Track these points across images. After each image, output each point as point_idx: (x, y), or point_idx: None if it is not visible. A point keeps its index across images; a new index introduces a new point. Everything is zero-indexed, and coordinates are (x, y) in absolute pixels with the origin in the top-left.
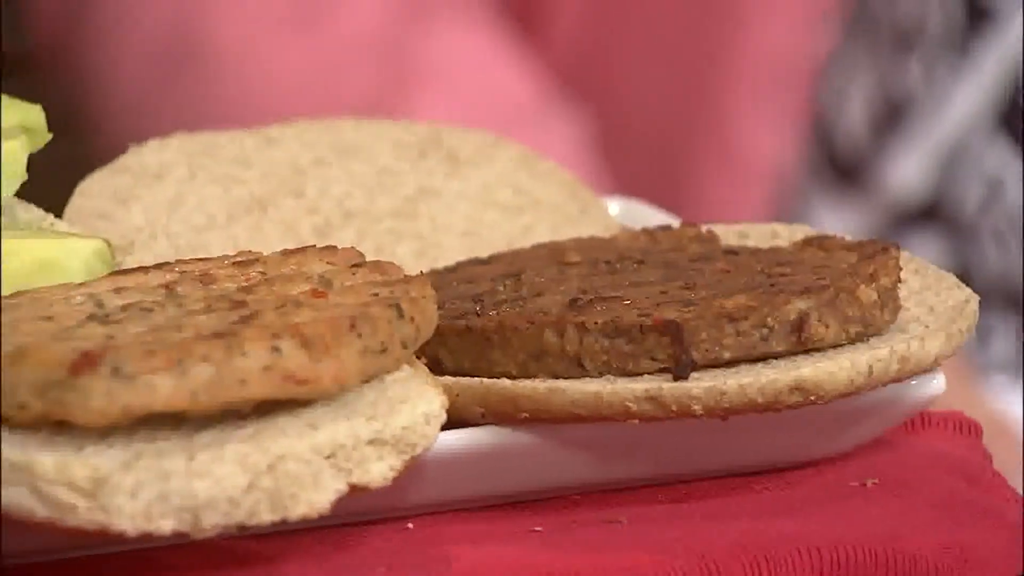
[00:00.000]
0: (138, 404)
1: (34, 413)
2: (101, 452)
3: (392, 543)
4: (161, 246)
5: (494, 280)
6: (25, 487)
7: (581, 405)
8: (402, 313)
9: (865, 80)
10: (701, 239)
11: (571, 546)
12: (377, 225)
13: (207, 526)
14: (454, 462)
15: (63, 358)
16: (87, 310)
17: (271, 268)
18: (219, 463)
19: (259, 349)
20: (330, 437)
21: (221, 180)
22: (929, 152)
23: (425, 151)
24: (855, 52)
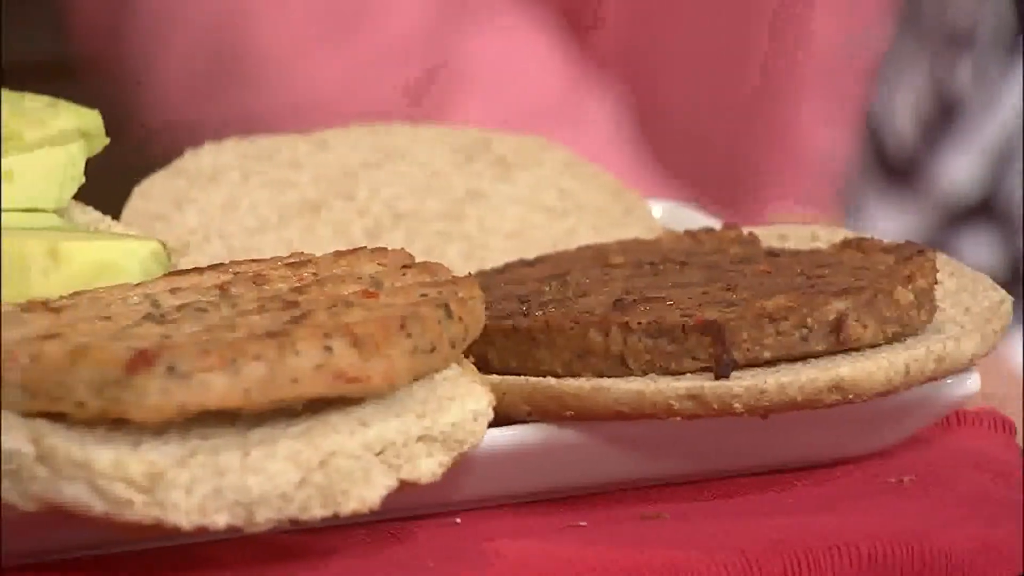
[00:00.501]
0: (193, 402)
1: (92, 411)
2: (157, 449)
3: (440, 537)
4: (215, 247)
5: (540, 281)
6: (83, 483)
7: (625, 403)
8: (451, 313)
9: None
10: (742, 241)
11: (614, 541)
12: (426, 227)
13: (260, 521)
14: (501, 458)
15: (120, 357)
16: (143, 310)
17: (323, 269)
18: (272, 459)
19: (311, 348)
20: (380, 434)
21: (274, 183)
22: (980, 150)
23: (473, 155)
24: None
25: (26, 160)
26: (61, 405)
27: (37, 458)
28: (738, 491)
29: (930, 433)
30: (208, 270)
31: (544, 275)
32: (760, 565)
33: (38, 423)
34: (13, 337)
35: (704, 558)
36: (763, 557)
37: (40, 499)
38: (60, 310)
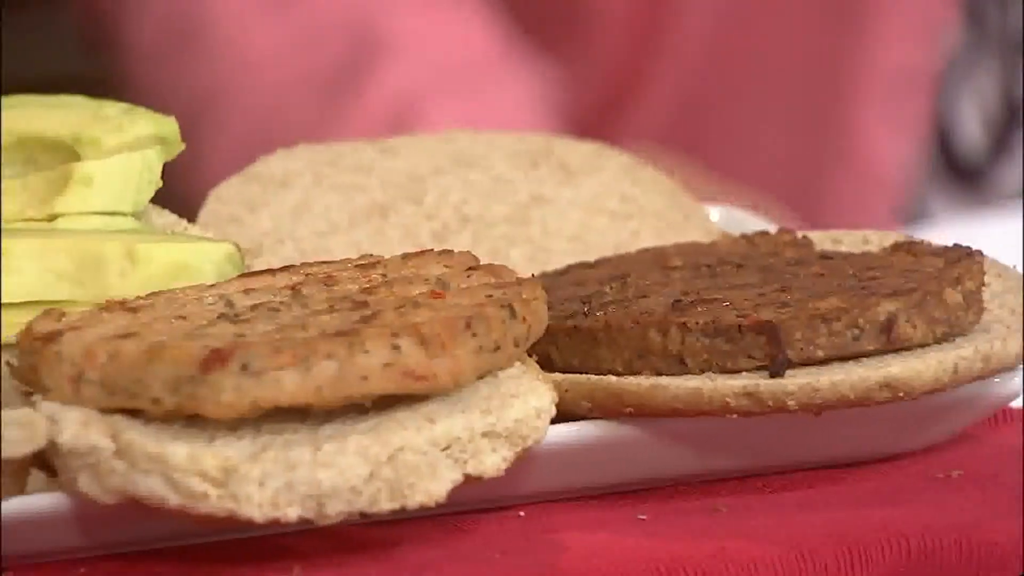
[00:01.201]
0: (266, 398)
1: (168, 407)
2: (231, 444)
3: (505, 530)
4: (287, 250)
5: (601, 282)
6: (159, 476)
7: (683, 400)
8: (515, 313)
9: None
10: (797, 244)
11: (674, 533)
12: (492, 230)
13: (331, 513)
14: (563, 454)
15: (195, 355)
16: (218, 310)
17: (391, 271)
18: (342, 454)
19: (380, 347)
20: (447, 430)
21: (344, 188)
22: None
23: (537, 161)
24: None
25: (105, 165)
26: (138, 402)
27: (115, 453)
28: (792, 485)
29: (977, 430)
30: (280, 271)
31: (605, 277)
32: (814, 557)
33: (116, 419)
34: (92, 336)
35: (760, 550)
36: (817, 549)
37: (118, 492)
38: (137, 310)
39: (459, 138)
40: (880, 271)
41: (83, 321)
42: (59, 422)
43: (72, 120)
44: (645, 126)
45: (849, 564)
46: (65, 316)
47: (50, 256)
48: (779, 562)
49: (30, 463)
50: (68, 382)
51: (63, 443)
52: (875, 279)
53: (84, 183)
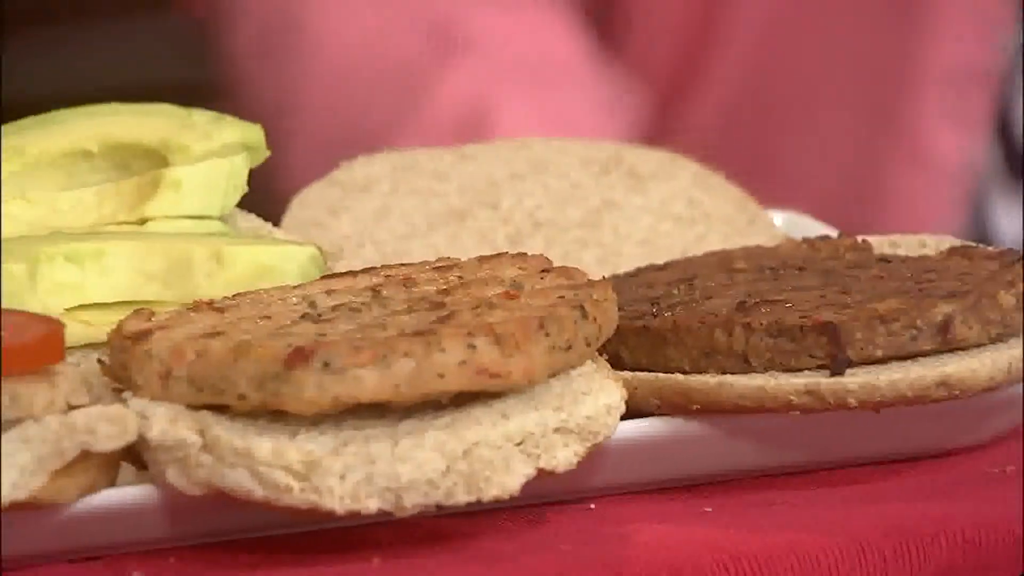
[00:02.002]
0: (346, 395)
1: (253, 403)
2: (313, 438)
3: (576, 522)
4: (368, 252)
5: (669, 284)
6: (245, 470)
7: (747, 398)
8: (586, 314)
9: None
10: (856, 248)
11: (737, 526)
12: (564, 234)
13: (409, 505)
14: (632, 449)
15: (279, 353)
16: (301, 310)
17: (468, 273)
18: (420, 449)
19: (456, 346)
20: (520, 426)
21: (422, 193)
22: None
23: (608, 167)
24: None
25: (193, 171)
26: (224, 398)
27: (203, 447)
28: (851, 480)
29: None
30: (361, 273)
31: (673, 279)
32: (872, 549)
33: (203, 415)
34: (181, 335)
35: (820, 541)
36: (875, 541)
37: (205, 485)
38: (224, 310)
39: (534, 145)
40: (937, 274)
41: (172, 320)
42: (149, 418)
43: (162, 127)
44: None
45: (906, 556)
46: (154, 316)
47: (140, 258)
48: (838, 554)
49: (121, 457)
50: (157, 379)
51: (152, 438)
52: (932, 282)
53: (173, 188)
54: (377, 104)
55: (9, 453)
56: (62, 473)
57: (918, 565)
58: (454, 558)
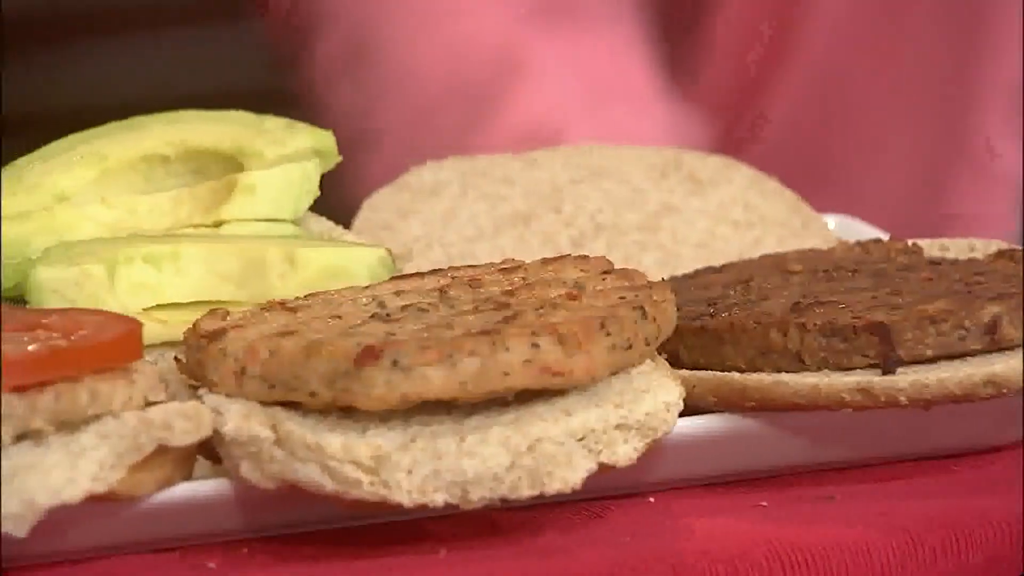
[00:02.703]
0: (414, 392)
1: (324, 400)
2: (382, 434)
3: (635, 515)
4: (436, 254)
5: (726, 286)
6: (316, 464)
7: (801, 395)
8: (646, 314)
9: None
10: (907, 251)
11: (791, 519)
12: (625, 237)
13: (474, 499)
14: (690, 444)
15: (349, 352)
16: (371, 310)
17: (532, 274)
18: (485, 444)
19: (520, 345)
20: (582, 422)
21: (489, 197)
22: None
23: (667, 172)
24: None
25: (267, 176)
26: (296, 395)
27: (275, 442)
28: (901, 474)
29: None
30: (429, 274)
31: (730, 281)
32: (921, 541)
33: (276, 411)
34: (254, 334)
35: (871, 535)
36: (924, 534)
37: (277, 478)
38: (296, 310)
39: (595, 151)
40: (985, 276)
41: (246, 320)
42: (223, 414)
43: (237, 134)
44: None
45: (953, 548)
46: (229, 315)
47: (216, 260)
48: (888, 547)
49: (196, 451)
50: (232, 376)
51: (227, 433)
52: (980, 284)
53: (247, 192)
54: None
55: (89, 448)
56: (140, 467)
57: (966, 557)
58: (518, 551)
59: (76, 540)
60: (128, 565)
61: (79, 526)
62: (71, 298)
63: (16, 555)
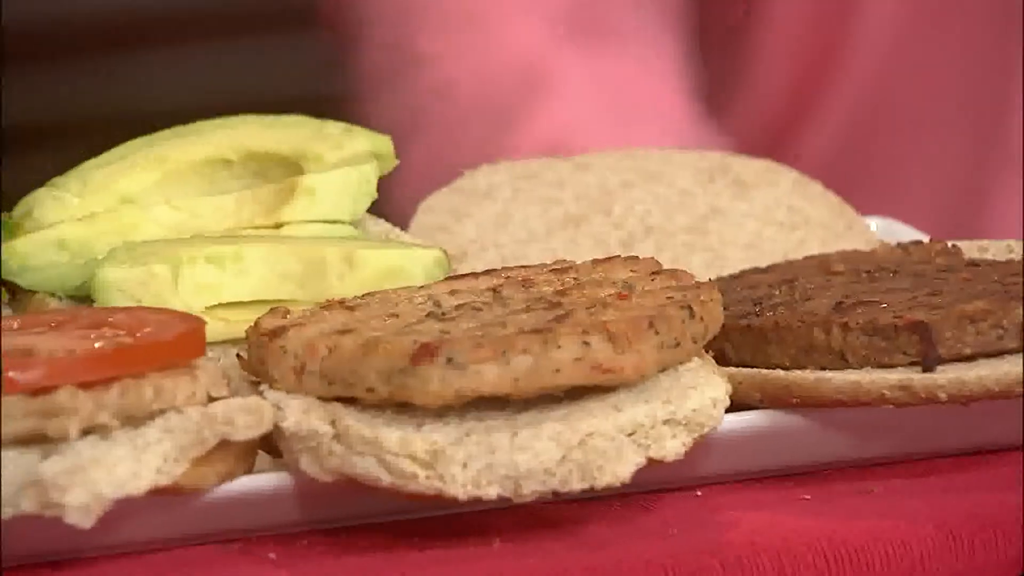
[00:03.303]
0: (468, 388)
1: (380, 396)
2: (437, 429)
3: (683, 508)
4: (489, 255)
5: (771, 286)
6: (374, 458)
7: (844, 392)
8: (693, 313)
9: None
10: (947, 253)
11: (833, 513)
12: (673, 239)
13: (527, 492)
14: (736, 440)
15: (406, 349)
16: (427, 309)
17: (582, 275)
18: (537, 439)
19: (572, 343)
20: (631, 418)
21: (541, 200)
22: None
23: (714, 176)
24: None
25: (326, 178)
26: (354, 391)
27: (334, 437)
28: (941, 469)
29: None
30: (483, 275)
31: (775, 281)
32: (958, 535)
33: (335, 407)
34: (314, 332)
35: (910, 529)
36: (961, 528)
37: (336, 472)
38: (354, 308)
39: (645, 155)
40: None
41: (305, 318)
42: (283, 409)
43: (297, 138)
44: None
45: (992, 543)
46: (289, 314)
47: (277, 260)
48: (928, 541)
49: (257, 446)
50: (292, 373)
51: (287, 428)
52: (1018, 284)
53: (308, 194)
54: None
55: (153, 442)
56: (202, 461)
57: (1003, 551)
58: (569, 542)
59: (140, 532)
60: (190, 557)
61: (143, 518)
62: (136, 297)
63: (81, 547)
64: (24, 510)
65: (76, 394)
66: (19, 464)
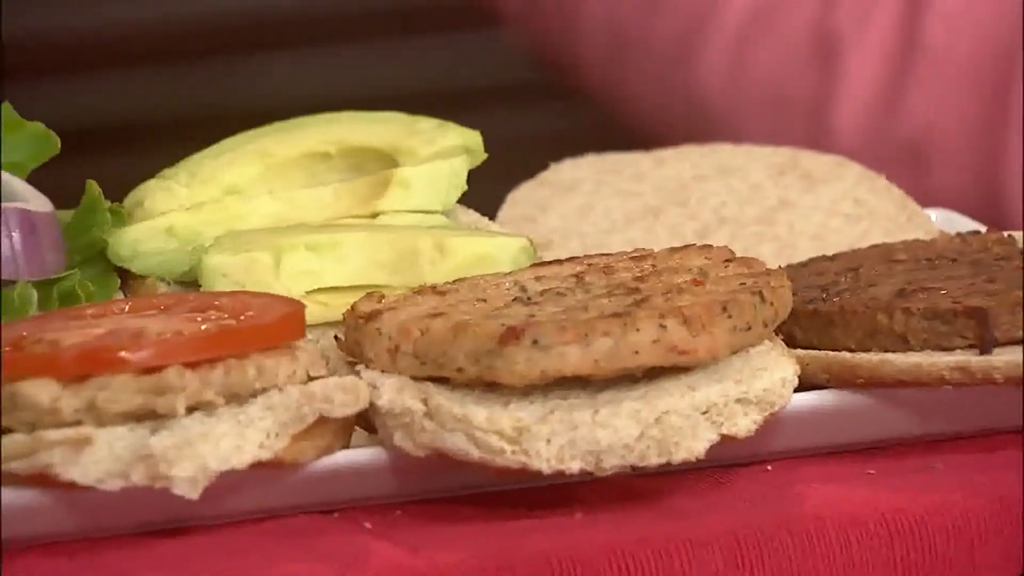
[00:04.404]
0: (552, 369)
1: (469, 375)
2: (523, 407)
3: (754, 483)
4: (573, 244)
5: (837, 274)
6: (463, 434)
7: (906, 373)
8: (764, 299)
9: None
10: (1003, 242)
11: (897, 487)
12: (745, 230)
13: (607, 466)
14: (804, 417)
15: (494, 332)
16: (513, 294)
17: (660, 262)
18: (617, 417)
19: (649, 326)
20: (706, 397)
21: (621, 192)
22: None
23: (784, 170)
24: None
25: (419, 171)
26: (445, 371)
27: (426, 414)
28: (998, 446)
29: None
30: (566, 262)
31: (840, 268)
32: (1015, 509)
33: (426, 385)
34: (407, 315)
35: (970, 502)
36: (1018, 501)
37: (427, 447)
38: (445, 293)
39: (719, 150)
40: None
41: (399, 303)
42: (378, 388)
43: (392, 133)
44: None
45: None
46: (384, 298)
47: (373, 248)
48: (987, 514)
49: (354, 422)
50: (386, 354)
51: (381, 405)
52: None
53: (402, 186)
54: None
55: (256, 418)
56: (302, 436)
57: None
58: (647, 514)
59: (244, 503)
60: (291, 525)
61: (247, 490)
62: (240, 282)
63: (187, 516)
64: (134, 482)
65: (183, 373)
66: (130, 439)
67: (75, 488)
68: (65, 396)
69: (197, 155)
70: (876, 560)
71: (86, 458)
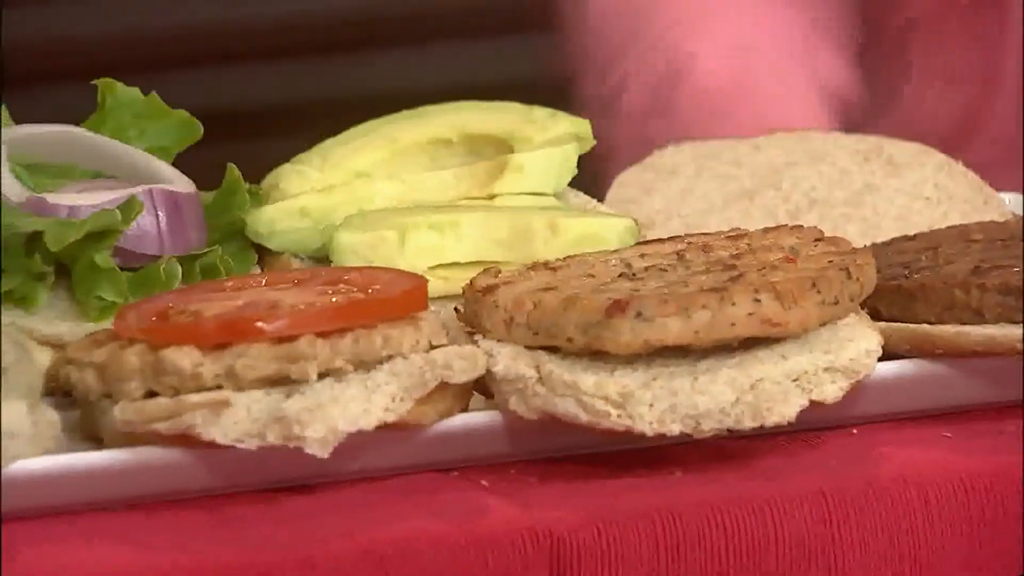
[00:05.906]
0: (655, 339)
1: (578, 345)
2: (628, 374)
3: (840, 445)
4: (674, 224)
5: (918, 252)
6: (572, 399)
7: (981, 344)
8: (850, 275)
9: None
10: None
11: (972, 449)
12: (833, 211)
13: (705, 429)
14: (887, 385)
15: (600, 305)
16: (619, 270)
17: (754, 241)
18: (714, 383)
19: (744, 300)
20: (796, 365)
21: (720, 177)
22: None
23: (870, 157)
24: None
25: (533, 157)
26: (555, 340)
27: (538, 380)
28: None
29: None
30: (668, 241)
31: (921, 248)
32: None
33: (538, 354)
34: (521, 289)
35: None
36: None
37: (539, 411)
38: (556, 269)
39: (810, 137)
40: None
41: (514, 277)
42: (495, 356)
43: (509, 121)
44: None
45: None
46: (500, 274)
47: (490, 227)
48: None
49: (472, 387)
50: (502, 324)
51: (497, 372)
52: None
53: (517, 170)
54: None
55: (382, 384)
56: (424, 401)
57: None
58: (742, 473)
59: (370, 462)
60: (413, 483)
61: (375, 450)
62: (368, 258)
63: (317, 474)
64: (270, 442)
65: (315, 342)
66: (266, 402)
67: (215, 447)
68: (206, 363)
69: (328, 141)
70: (952, 518)
71: (225, 420)
